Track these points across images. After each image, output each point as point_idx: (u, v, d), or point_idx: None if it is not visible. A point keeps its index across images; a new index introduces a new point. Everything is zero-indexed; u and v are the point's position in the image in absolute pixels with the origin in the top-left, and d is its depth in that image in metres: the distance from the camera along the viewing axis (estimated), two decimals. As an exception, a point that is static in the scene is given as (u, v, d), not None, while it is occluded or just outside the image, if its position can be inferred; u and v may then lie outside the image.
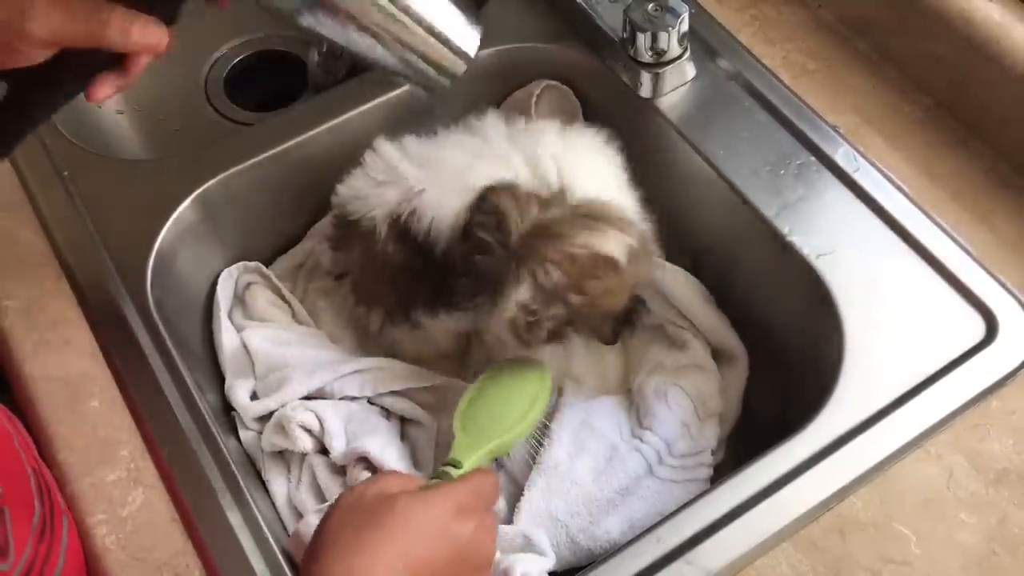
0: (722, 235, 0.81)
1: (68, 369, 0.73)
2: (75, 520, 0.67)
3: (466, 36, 0.65)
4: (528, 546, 0.71)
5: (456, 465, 0.65)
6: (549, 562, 0.71)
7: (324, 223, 0.87)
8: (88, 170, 0.83)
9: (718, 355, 0.82)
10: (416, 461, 0.77)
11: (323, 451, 0.75)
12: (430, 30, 0.63)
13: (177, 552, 0.65)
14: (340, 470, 0.75)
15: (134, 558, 0.65)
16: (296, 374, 0.78)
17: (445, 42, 0.64)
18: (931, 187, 0.79)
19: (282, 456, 0.77)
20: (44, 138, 0.84)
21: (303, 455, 0.76)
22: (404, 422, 0.80)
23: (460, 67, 0.65)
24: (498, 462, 0.80)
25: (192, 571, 0.65)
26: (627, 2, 0.81)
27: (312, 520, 0.69)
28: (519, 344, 0.70)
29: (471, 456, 0.67)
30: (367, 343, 0.85)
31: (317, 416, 0.75)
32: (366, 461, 0.73)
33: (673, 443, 0.76)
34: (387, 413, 0.79)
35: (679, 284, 0.82)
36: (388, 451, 0.74)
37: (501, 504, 0.77)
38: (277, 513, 0.75)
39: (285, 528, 0.73)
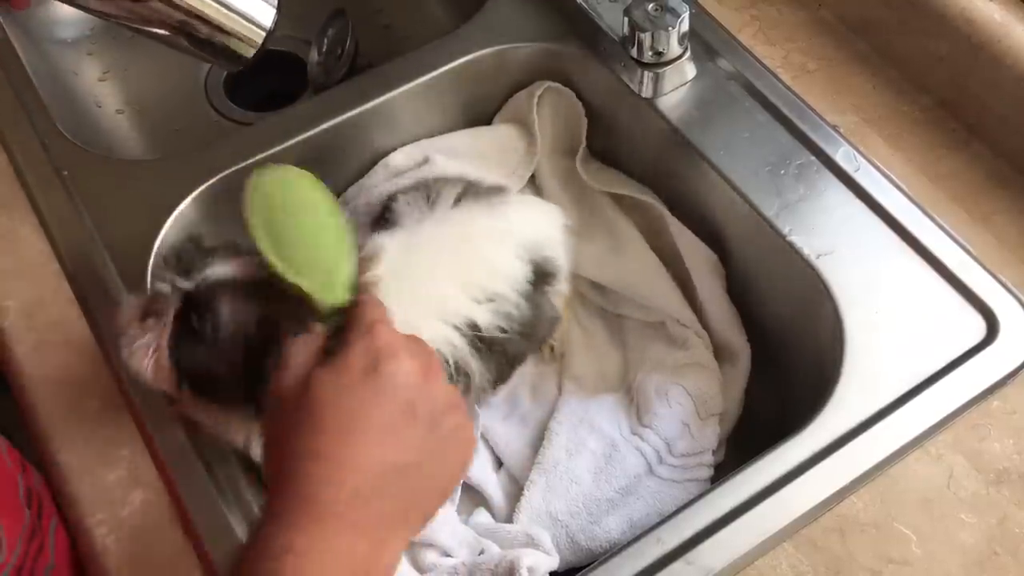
0: (722, 235, 0.81)
1: (68, 369, 0.73)
2: (75, 520, 0.67)
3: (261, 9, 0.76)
4: (531, 545, 0.71)
5: (334, 316, 0.59)
6: (554, 562, 0.71)
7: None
8: (88, 170, 0.83)
9: (719, 353, 0.82)
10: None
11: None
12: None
13: (177, 552, 0.65)
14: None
15: (134, 558, 0.65)
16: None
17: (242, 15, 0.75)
18: (931, 187, 0.79)
19: (282, 456, 0.77)
20: (44, 138, 0.84)
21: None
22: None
23: (258, 36, 0.76)
24: (497, 461, 0.80)
25: (192, 571, 0.65)
26: (627, 2, 0.81)
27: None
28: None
29: (336, 293, 0.59)
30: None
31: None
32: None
33: (673, 442, 0.76)
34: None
35: (707, 264, 0.82)
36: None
37: (501, 503, 0.77)
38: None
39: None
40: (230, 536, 0.65)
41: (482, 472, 0.79)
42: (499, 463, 0.80)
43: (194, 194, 0.80)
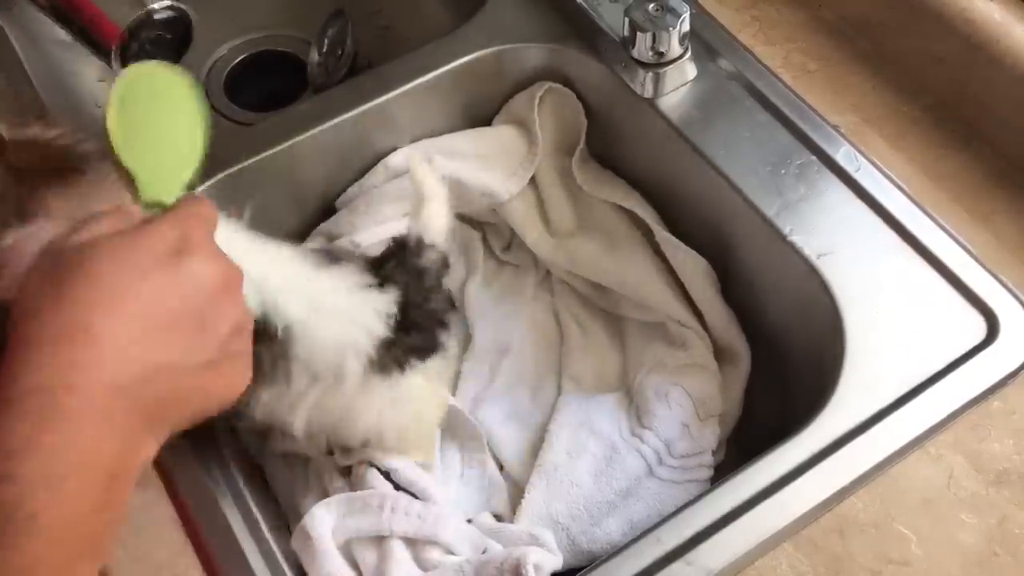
0: (722, 235, 0.81)
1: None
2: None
3: None
4: (536, 544, 0.71)
5: (162, 208, 0.56)
6: (558, 561, 0.71)
7: (327, 224, 0.87)
8: (88, 170, 0.82)
9: (720, 354, 0.82)
10: (424, 464, 0.77)
11: (329, 452, 0.75)
12: None
13: (177, 553, 0.65)
14: (345, 471, 0.74)
15: (134, 558, 0.65)
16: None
17: None
18: (932, 187, 0.79)
19: (284, 457, 0.77)
20: (44, 138, 0.84)
21: (307, 456, 0.76)
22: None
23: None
24: (497, 462, 0.80)
25: (191, 572, 0.65)
26: (627, 2, 0.81)
27: (317, 513, 0.69)
28: None
29: (168, 192, 0.57)
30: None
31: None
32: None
33: (673, 443, 0.76)
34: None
35: (698, 273, 0.82)
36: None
37: (502, 506, 0.77)
38: (277, 513, 0.75)
39: (288, 528, 0.73)
40: (230, 536, 0.65)
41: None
42: (498, 464, 0.80)
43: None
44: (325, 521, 0.69)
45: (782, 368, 0.80)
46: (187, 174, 0.59)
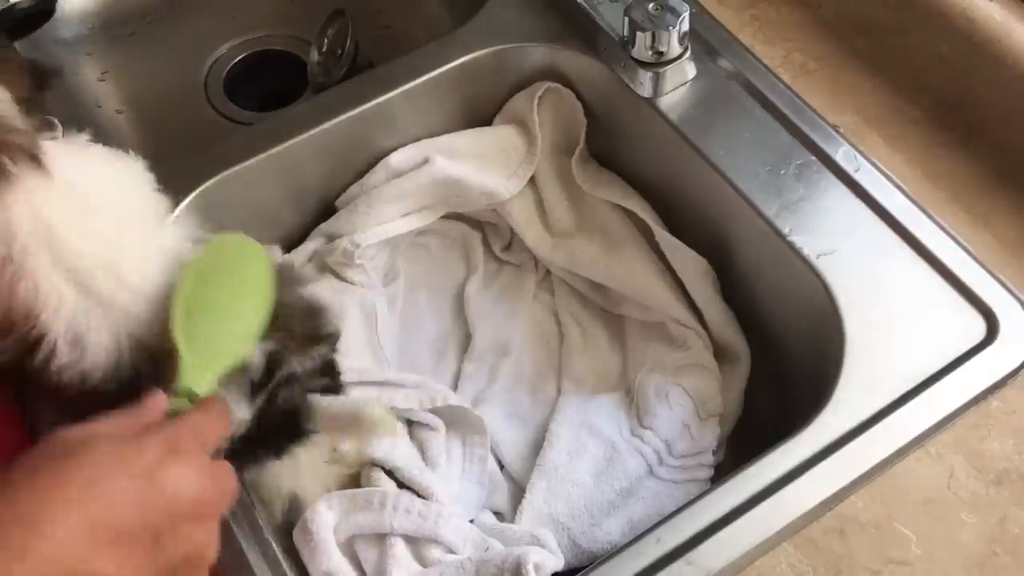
0: (722, 235, 0.81)
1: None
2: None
3: None
4: (537, 544, 0.71)
5: (191, 397, 0.55)
6: (559, 562, 0.71)
7: (327, 224, 0.87)
8: (88, 170, 0.82)
9: (720, 354, 0.82)
10: (426, 461, 0.77)
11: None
12: None
13: (177, 552, 0.65)
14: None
15: (134, 558, 0.65)
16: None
17: None
18: (931, 187, 0.79)
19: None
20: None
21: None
22: (411, 424, 0.79)
23: None
24: (498, 462, 0.80)
25: (192, 571, 0.65)
26: (627, 2, 0.81)
27: (320, 509, 0.69)
28: None
29: (204, 380, 0.56)
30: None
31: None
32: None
33: (673, 443, 0.76)
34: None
35: (697, 273, 0.82)
36: (396, 452, 0.74)
37: (503, 503, 0.78)
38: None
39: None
40: (230, 536, 0.65)
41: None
42: (500, 464, 0.80)
43: (194, 194, 0.80)
44: (327, 518, 0.69)
45: (782, 368, 0.80)
46: (234, 356, 0.58)
